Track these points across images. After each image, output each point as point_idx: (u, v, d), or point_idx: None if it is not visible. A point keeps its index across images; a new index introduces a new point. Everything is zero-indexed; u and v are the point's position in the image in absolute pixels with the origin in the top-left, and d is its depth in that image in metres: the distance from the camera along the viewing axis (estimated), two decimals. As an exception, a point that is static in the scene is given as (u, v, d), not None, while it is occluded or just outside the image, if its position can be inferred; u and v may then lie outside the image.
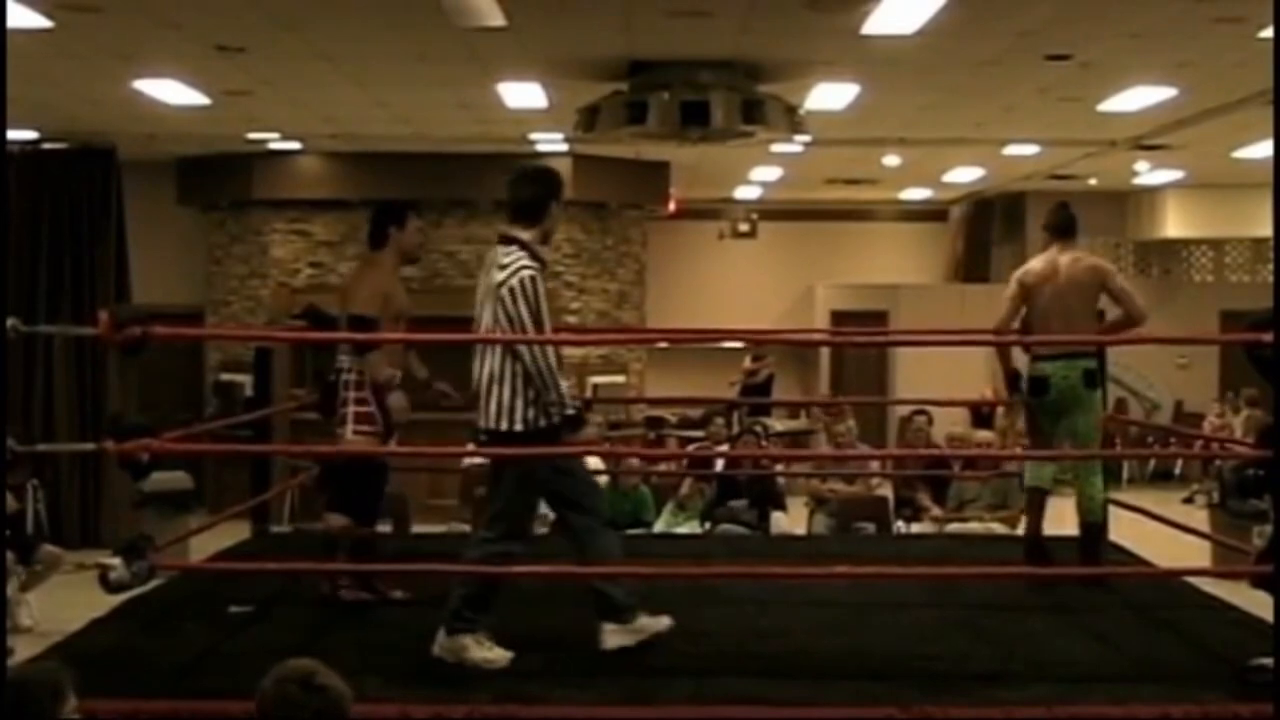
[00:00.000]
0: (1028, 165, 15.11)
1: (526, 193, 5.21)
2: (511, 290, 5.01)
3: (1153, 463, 16.60)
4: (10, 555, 8.78)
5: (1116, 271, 6.69)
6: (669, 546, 7.71)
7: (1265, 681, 4.52)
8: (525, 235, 5.14)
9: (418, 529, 9.65)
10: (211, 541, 7.14)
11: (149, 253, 14.25)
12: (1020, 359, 6.70)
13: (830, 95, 10.60)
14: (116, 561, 5.08)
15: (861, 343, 14.96)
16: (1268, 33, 8.15)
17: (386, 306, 5.94)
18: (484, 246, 14.54)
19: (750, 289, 19.04)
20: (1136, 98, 10.70)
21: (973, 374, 14.94)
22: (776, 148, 13.36)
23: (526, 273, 5.03)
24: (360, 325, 5.81)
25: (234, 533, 7.83)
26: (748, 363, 16.41)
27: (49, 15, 8.01)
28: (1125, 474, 15.95)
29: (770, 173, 16.29)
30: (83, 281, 12.89)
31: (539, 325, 5.03)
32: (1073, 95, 10.61)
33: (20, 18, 7.84)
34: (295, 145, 13.98)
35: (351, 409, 5.90)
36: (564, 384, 5.10)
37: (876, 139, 12.97)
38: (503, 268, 5.07)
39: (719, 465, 9.78)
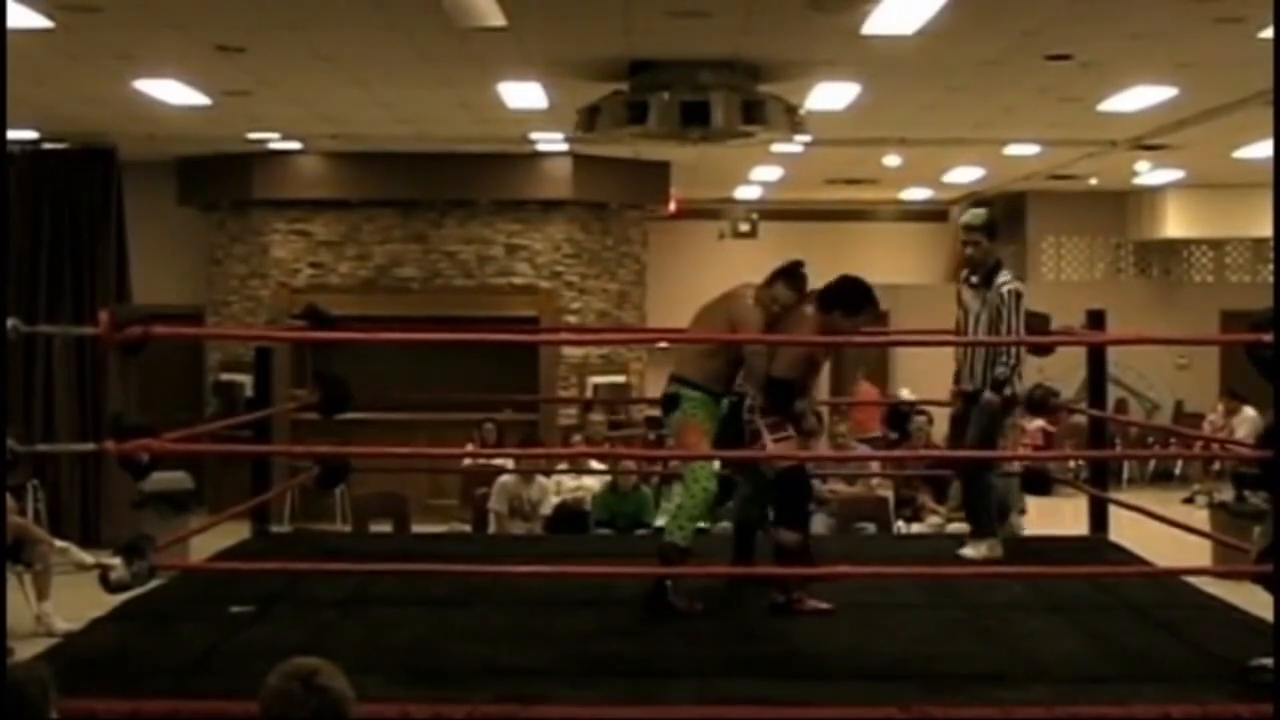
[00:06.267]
0: (1028, 165, 15.11)
1: None
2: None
3: (1153, 463, 16.60)
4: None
5: None
6: (669, 546, 7.69)
7: (1265, 681, 4.51)
8: None
9: (417, 529, 9.66)
10: (212, 541, 7.13)
11: (149, 253, 14.25)
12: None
13: (830, 95, 10.60)
14: (116, 561, 5.08)
15: (861, 343, 14.92)
16: (1268, 33, 8.15)
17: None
18: (484, 246, 14.74)
19: (750, 289, 18.99)
20: (1136, 98, 10.70)
21: (973, 374, 14.88)
22: (777, 148, 13.36)
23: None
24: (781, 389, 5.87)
25: (234, 533, 7.81)
26: None
27: (49, 15, 8.01)
28: (1125, 474, 15.96)
29: (770, 173, 16.29)
30: (83, 281, 12.90)
31: None
32: (1073, 95, 10.61)
33: (20, 18, 7.84)
34: (295, 145, 13.98)
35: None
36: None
37: (877, 139, 12.97)
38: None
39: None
